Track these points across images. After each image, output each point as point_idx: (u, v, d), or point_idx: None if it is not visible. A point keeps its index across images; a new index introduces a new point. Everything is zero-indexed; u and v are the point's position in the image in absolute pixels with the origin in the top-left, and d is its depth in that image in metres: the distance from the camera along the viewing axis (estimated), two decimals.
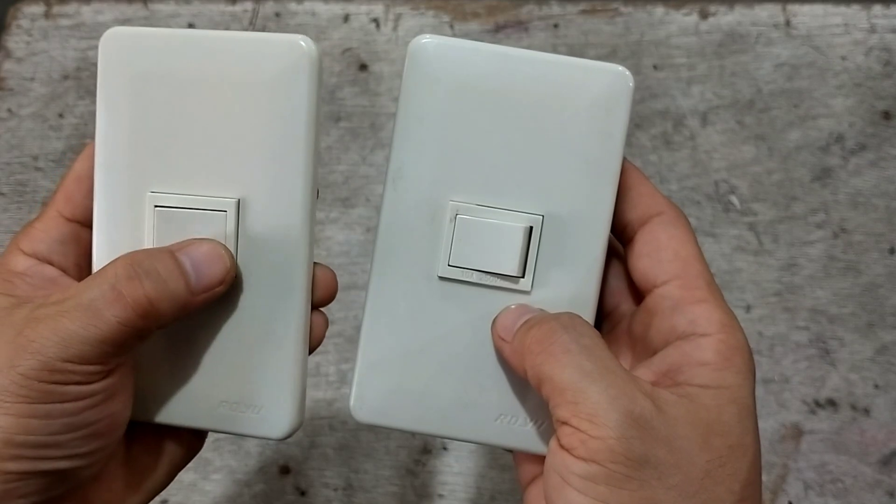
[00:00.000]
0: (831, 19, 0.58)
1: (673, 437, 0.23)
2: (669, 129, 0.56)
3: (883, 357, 0.52)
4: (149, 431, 0.29)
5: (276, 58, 0.27)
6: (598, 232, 0.28)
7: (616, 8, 0.59)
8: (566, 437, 0.23)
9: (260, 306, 0.28)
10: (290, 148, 0.27)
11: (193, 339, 0.28)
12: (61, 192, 0.29)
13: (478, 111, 0.27)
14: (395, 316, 0.28)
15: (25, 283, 0.27)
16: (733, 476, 0.23)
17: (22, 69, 0.58)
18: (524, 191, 0.28)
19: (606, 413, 0.22)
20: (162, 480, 0.30)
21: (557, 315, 0.26)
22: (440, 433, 0.29)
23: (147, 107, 0.27)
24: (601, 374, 0.23)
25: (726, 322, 0.25)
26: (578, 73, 0.27)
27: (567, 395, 0.23)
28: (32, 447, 0.24)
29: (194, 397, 0.28)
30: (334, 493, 0.50)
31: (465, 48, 0.27)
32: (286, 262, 0.28)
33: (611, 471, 0.22)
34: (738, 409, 0.24)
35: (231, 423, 0.28)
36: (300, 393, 0.28)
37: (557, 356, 0.24)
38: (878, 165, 0.55)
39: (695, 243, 0.27)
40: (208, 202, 0.27)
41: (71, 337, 0.23)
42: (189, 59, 0.27)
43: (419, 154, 0.27)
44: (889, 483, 0.49)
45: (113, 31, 0.28)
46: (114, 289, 0.24)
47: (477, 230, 0.27)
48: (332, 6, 0.59)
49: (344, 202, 0.55)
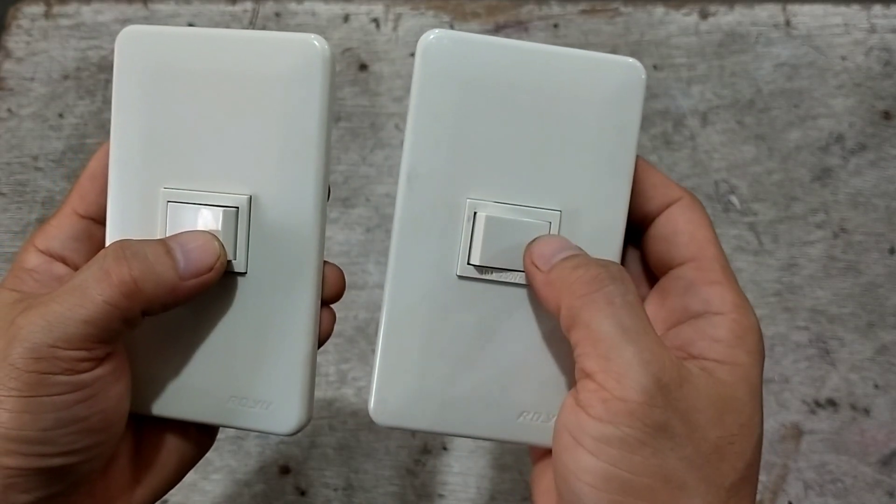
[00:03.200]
0: (831, 19, 0.58)
1: (691, 410, 0.22)
2: (669, 129, 0.56)
3: (883, 357, 0.52)
4: (158, 427, 0.29)
5: (289, 57, 0.27)
6: (615, 224, 0.28)
7: (616, 8, 0.59)
8: (586, 393, 0.23)
9: (270, 302, 0.28)
10: (302, 146, 0.27)
11: (204, 334, 0.28)
12: (76, 190, 0.29)
13: (491, 107, 0.27)
14: (414, 317, 0.28)
15: (32, 280, 0.28)
16: (739, 455, 0.23)
17: (22, 69, 0.58)
18: (540, 186, 0.27)
19: (637, 375, 0.22)
20: (171, 477, 0.30)
21: (606, 263, 0.25)
22: (462, 433, 0.29)
23: (162, 104, 0.28)
24: (638, 335, 0.23)
25: (739, 303, 0.25)
26: (590, 67, 0.27)
27: (600, 348, 0.23)
28: (26, 443, 0.24)
29: (204, 392, 0.28)
30: (334, 493, 0.50)
31: (476, 43, 0.27)
32: (297, 258, 0.28)
33: (627, 435, 0.22)
34: (750, 389, 0.24)
35: (240, 418, 0.29)
36: (309, 388, 0.29)
37: (601, 305, 0.23)
38: (878, 165, 0.55)
39: (710, 228, 0.27)
40: (221, 198, 0.27)
41: (56, 319, 0.24)
42: (203, 57, 0.27)
43: (434, 152, 0.27)
44: (889, 483, 0.49)
45: (129, 29, 0.28)
46: (101, 268, 0.24)
47: (499, 228, 0.27)
48: (332, 6, 0.59)
49: (344, 202, 0.55)
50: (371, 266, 0.54)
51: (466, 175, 0.27)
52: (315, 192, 0.27)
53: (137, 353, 0.28)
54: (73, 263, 0.29)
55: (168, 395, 0.29)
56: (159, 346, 0.28)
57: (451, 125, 0.27)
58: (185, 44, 0.27)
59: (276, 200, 0.27)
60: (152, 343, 0.28)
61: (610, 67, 0.27)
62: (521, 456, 0.50)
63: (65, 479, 0.25)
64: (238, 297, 0.28)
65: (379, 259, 0.54)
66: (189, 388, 0.29)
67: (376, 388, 0.28)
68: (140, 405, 0.29)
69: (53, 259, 0.29)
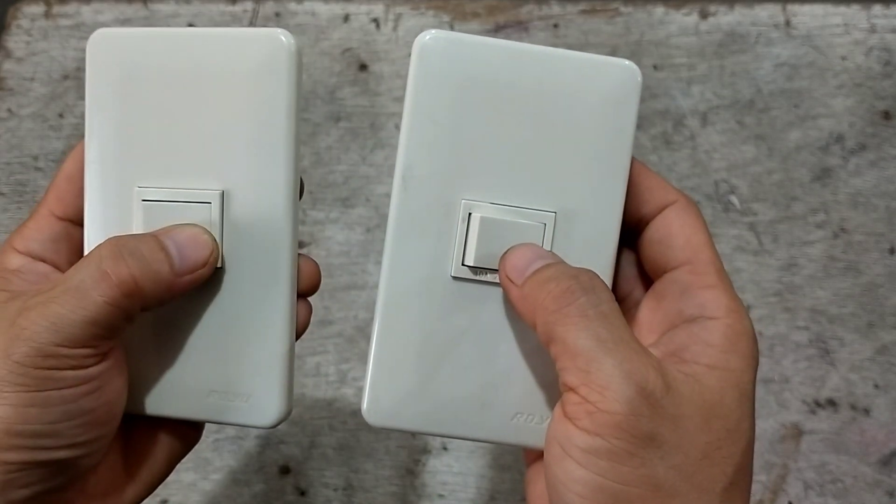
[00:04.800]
0: (831, 19, 0.58)
1: (679, 417, 0.22)
2: (669, 129, 0.56)
3: (883, 357, 0.52)
4: (145, 423, 0.30)
5: (255, 52, 0.27)
6: (609, 226, 0.28)
7: (616, 8, 0.59)
8: (571, 406, 0.23)
9: (247, 295, 0.28)
10: (271, 140, 0.27)
11: (182, 330, 0.28)
12: (52, 192, 0.29)
13: (486, 107, 0.27)
14: (408, 318, 0.28)
15: (20, 279, 0.28)
16: (728, 459, 0.23)
17: (22, 69, 0.58)
18: (535, 188, 0.27)
19: (620, 387, 0.22)
20: (161, 472, 0.30)
21: (577, 273, 0.25)
22: (455, 434, 0.28)
23: (133, 104, 0.28)
24: (617, 345, 0.22)
25: (734, 308, 0.25)
26: (586, 68, 0.27)
27: (579, 362, 0.22)
28: (31, 437, 0.24)
29: (184, 388, 0.29)
30: (334, 493, 0.50)
31: (471, 43, 0.27)
32: (271, 251, 0.28)
33: (615, 446, 0.22)
34: (739, 394, 0.24)
35: (221, 413, 0.29)
36: (288, 381, 0.29)
37: (574, 319, 0.23)
38: (878, 165, 0.55)
39: (706, 231, 0.27)
40: (193, 194, 0.28)
41: (61, 320, 0.24)
42: (172, 56, 0.28)
43: (429, 153, 0.27)
44: (889, 483, 0.49)
45: (99, 32, 0.28)
46: (99, 269, 0.25)
47: (494, 229, 0.27)
48: (332, 6, 0.59)
49: (344, 202, 0.55)
50: (371, 266, 0.54)
51: (461, 176, 0.27)
52: (286, 185, 0.28)
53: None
54: (53, 265, 0.29)
55: (149, 392, 0.29)
56: (138, 343, 0.29)
57: (446, 126, 0.27)
58: (154, 44, 0.28)
59: (248, 195, 0.28)
60: (132, 341, 0.29)
61: (606, 69, 0.27)
62: (520, 456, 0.50)
63: (65, 472, 0.25)
64: (214, 292, 0.28)
65: (379, 259, 0.53)
66: (169, 385, 0.29)
67: (369, 388, 0.28)
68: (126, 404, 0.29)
69: (35, 260, 0.29)
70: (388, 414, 0.28)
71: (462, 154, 0.27)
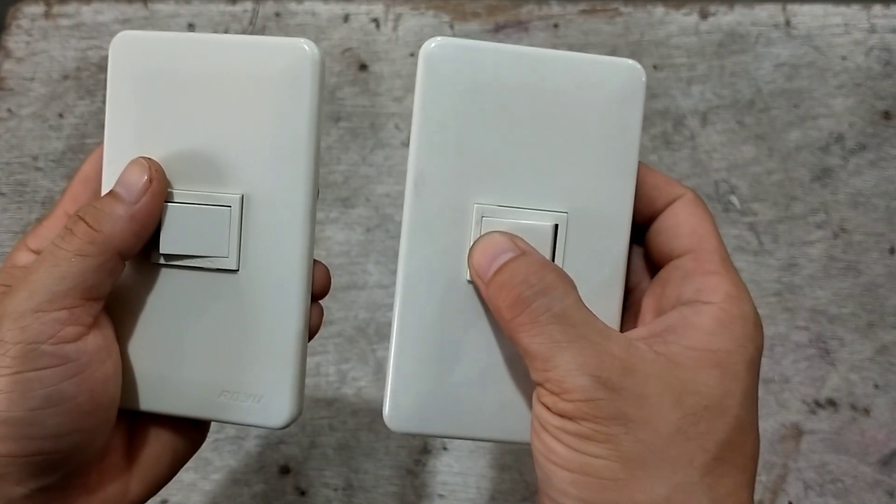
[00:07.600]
0: (831, 19, 0.58)
1: (644, 395, 0.23)
2: (669, 129, 0.56)
3: (883, 357, 0.52)
4: (150, 423, 0.30)
5: (279, 60, 0.28)
6: (620, 223, 0.28)
7: (616, 8, 0.59)
8: (542, 396, 0.24)
9: (262, 298, 0.28)
10: (292, 147, 0.28)
11: (196, 330, 0.29)
12: (69, 193, 0.30)
13: (494, 112, 0.27)
14: (426, 324, 0.28)
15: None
16: (707, 434, 0.23)
17: (22, 69, 0.58)
18: (546, 189, 0.28)
19: (574, 380, 0.23)
20: (166, 472, 0.30)
21: (528, 275, 0.25)
22: (477, 436, 0.29)
23: (154, 107, 0.28)
24: (570, 343, 0.24)
25: (733, 293, 0.26)
26: (591, 69, 0.28)
27: (537, 364, 0.24)
28: (15, 425, 0.24)
29: (196, 387, 0.29)
30: (334, 493, 0.50)
31: (477, 49, 0.27)
32: (288, 255, 0.28)
33: (582, 427, 0.23)
34: (721, 373, 0.24)
35: (232, 413, 0.29)
36: (300, 382, 0.29)
37: (527, 327, 0.24)
38: (878, 165, 0.55)
39: (712, 222, 0.28)
40: (213, 197, 0.28)
41: (35, 285, 0.25)
42: (196, 62, 0.28)
43: (439, 159, 0.28)
44: (889, 483, 0.49)
45: (123, 34, 0.29)
46: (63, 231, 0.26)
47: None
48: (332, 6, 0.59)
49: (344, 202, 0.55)
50: (371, 266, 0.54)
51: (473, 180, 0.28)
52: (305, 191, 0.28)
53: (130, 349, 0.29)
54: None
55: (160, 390, 0.29)
56: (151, 341, 0.29)
57: (456, 131, 0.27)
58: (177, 49, 0.28)
59: (267, 199, 0.28)
60: (144, 339, 0.29)
61: (610, 69, 0.28)
62: (520, 456, 0.50)
63: (57, 468, 0.25)
64: (230, 294, 0.29)
65: (379, 259, 0.54)
66: (181, 384, 0.29)
67: (390, 395, 0.28)
68: (132, 401, 0.29)
69: None
70: (410, 420, 0.28)
71: (472, 159, 0.28)
